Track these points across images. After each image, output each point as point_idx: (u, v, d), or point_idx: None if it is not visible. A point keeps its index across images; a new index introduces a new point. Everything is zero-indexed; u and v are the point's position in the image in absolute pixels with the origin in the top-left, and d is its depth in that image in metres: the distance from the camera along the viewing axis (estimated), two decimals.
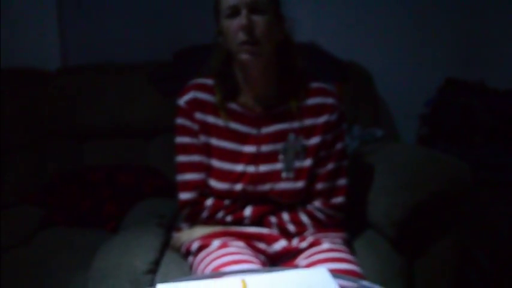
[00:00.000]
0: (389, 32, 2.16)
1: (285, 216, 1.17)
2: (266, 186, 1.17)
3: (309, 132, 1.17)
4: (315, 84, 1.20)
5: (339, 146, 1.18)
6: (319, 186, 1.18)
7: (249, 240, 1.15)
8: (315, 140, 1.16)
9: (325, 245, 1.13)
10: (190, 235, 1.20)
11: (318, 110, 1.17)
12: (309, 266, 1.09)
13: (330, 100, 1.18)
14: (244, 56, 1.09)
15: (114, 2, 2.13)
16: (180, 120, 1.19)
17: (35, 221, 1.59)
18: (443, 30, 2.16)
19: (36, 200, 1.68)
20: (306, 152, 1.16)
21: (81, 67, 2.01)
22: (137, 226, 1.36)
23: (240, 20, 1.07)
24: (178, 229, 1.27)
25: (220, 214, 1.17)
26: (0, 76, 1.89)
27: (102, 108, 1.87)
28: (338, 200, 1.19)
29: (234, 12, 1.08)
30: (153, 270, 1.19)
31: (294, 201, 1.18)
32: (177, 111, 1.19)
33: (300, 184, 1.16)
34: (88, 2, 2.14)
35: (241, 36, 1.07)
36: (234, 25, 1.08)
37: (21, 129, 1.86)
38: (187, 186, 1.18)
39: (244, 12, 1.07)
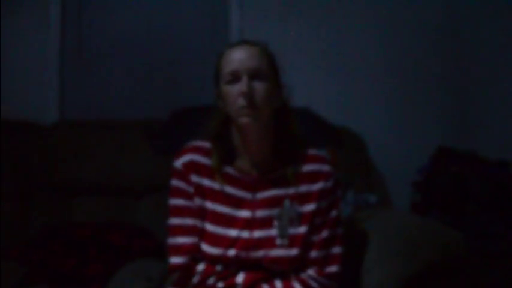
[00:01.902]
0: (382, 100, 2.22)
1: (278, 284, 1.14)
2: (260, 253, 1.14)
3: (304, 198, 1.16)
4: (311, 151, 1.21)
5: (333, 213, 1.18)
6: (314, 254, 1.15)
7: None
8: (310, 207, 1.16)
9: None
10: None
11: (313, 177, 1.17)
12: None
13: (325, 167, 1.18)
14: (244, 120, 1.10)
15: (115, 58, 2.19)
16: (176, 182, 1.18)
17: (15, 279, 1.53)
18: (436, 99, 2.23)
19: (19, 256, 1.63)
20: (300, 218, 1.15)
21: (77, 122, 2.02)
22: None
23: (241, 86, 1.09)
24: None
25: (211, 280, 1.14)
26: None
27: (94, 164, 1.87)
28: (332, 269, 1.16)
29: (235, 78, 1.11)
30: None
31: (288, 269, 1.15)
32: (173, 173, 1.19)
33: (294, 251, 1.14)
34: (89, 59, 2.19)
35: (241, 101, 1.09)
36: (235, 91, 1.10)
37: (11, 180, 1.84)
38: (179, 250, 1.15)
39: (245, 78, 1.10)
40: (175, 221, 1.17)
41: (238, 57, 1.11)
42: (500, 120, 2.11)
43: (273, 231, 1.15)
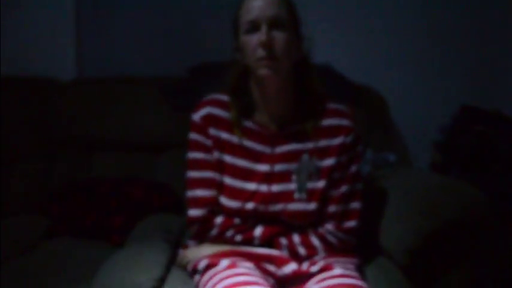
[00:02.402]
0: (404, 57, 2.15)
1: (296, 238, 1.14)
2: (278, 206, 1.14)
3: (323, 153, 1.15)
4: (331, 105, 1.18)
5: (353, 168, 1.16)
6: (332, 208, 1.15)
7: (258, 261, 1.12)
8: (329, 162, 1.14)
9: (337, 271, 1.09)
10: (197, 253, 1.17)
11: (333, 132, 1.15)
12: None
13: (345, 122, 1.16)
14: (263, 71, 1.08)
15: (132, 15, 2.15)
16: (194, 136, 1.17)
17: (39, 230, 1.57)
18: (459, 57, 2.16)
19: (42, 209, 1.67)
20: (319, 173, 1.14)
21: (95, 78, 2.01)
22: (143, 241, 1.33)
23: (260, 36, 1.06)
24: (185, 246, 1.24)
25: (229, 233, 1.15)
26: (16, 83, 1.91)
27: (113, 120, 1.87)
28: (351, 223, 1.16)
29: (254, 27, 1.08)
30: None
31: (306, 223, 1.15)
32: (191, 126, 1.18)
33: (312, 205, 1.14)
34: (106, 15, 2.16)
35: (261, 51, 1.07)
36: (254, 40, 1.08)
37: (32, 137, 1.86)
38: (198, 202, 1.16)
39: (264, 27, 1.07)
40: (193, 174, 1.17)
41: (257, 5, 1.08)
42: None
43: (292, 185, 1.14)
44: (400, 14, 2.17)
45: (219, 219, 1.15)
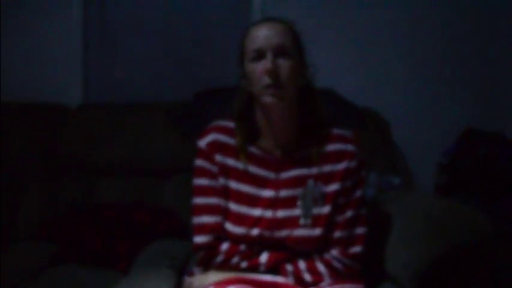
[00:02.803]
0: (407, 80, 2.18)
1: (302, 264, 1.14)
2: (283, 233, 1.14)
3: (328, 178, 1.15)
4: (335, 131, 1.19)
5: (358, 193, 1.16)
6: (337, 234, 1.15)
7: None
8: (333, 187, 1.15)
9: None
10: (203, 280, 1.16)
11: (337, 157, 1.16)
12: None
13: (349, 147, 1.17)
14: (268, 99, 1.09)
15: (138, 40, 2.19)
16: (200, 162, 1.18)
17: (44, 257, 1.57)
18: (463, 80, 2.18)
19: (48, 236, 1.67)
20: (324, 198, 1.15)
21: (102, 104, 2.04)
22: (148, 268, 1.33)
23: (265, 64, 1.08)
24: (191, 273, 1.24)
25: (235, 259, 1.14)
26: (24, 109, 1.93)
27: (119, 146, 1.89)
28: (356, 249, 1.16)
29: (260, 55, 1.10)
30: None
31: (311, 249, 1.15)
32: (197, 152, 1.19)
33: (317, 231, 1.14)
34: (112, 41, 2.20)
35: (266, 79, 1.08)
36: (259, 68, 1.09)
37: (39, 163, 1.88)
38: (203, 229, 1.16)
39: (269, 56, 1.09)
40: (199, 200, 1.18)
41: (263, 34, 1.10)
42: None
43: (297, 211, 1.14)
44: (402, 38, 2.19)
45: (224, 246, 1.15)
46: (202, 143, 1.19)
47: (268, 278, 1.13)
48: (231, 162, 1.17)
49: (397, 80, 2.19)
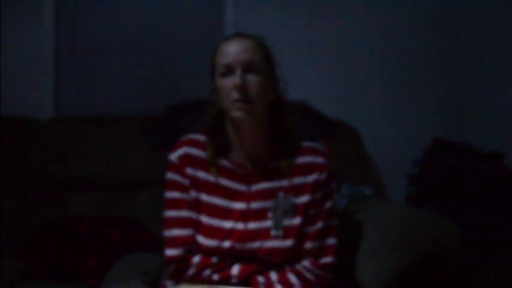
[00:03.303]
0: (377, 92, 2.23)
1: (273, 276, 1.15)
2: (255, 244, 1.15)
3: (298, 190, 1.17)
4: (305, 144, 1.21)
5: (328, 204, 1.18)
6: (308, 245, 1.16)
7: None
8: (304, 199, 1.17)
9: None
10: None
11: (307, 169, 1.18)
12: None
13: (319, 159, 1.19)
14: (237, 114, 1.11)
15: (109, 54, 2.18)
16: (171, 175, 1.19)
17: (14, 273, 1.54)
18: (431, 92, 2.24)
19: (17, 251, 1.63)
20: (295, 210, 1.16)
21: (73, 118, 2.03)
22: (120, 283, 1.32)
23: (235, 79, 1.10)
24: (163, 287, 1.23)
25: (207, 272, 1.15)
26: None
27: (91, 160, 1.87)
28: (327, 259, 1.17)
29: (229, 71, 1.11)
30: None
31: (283, 261, 1.16)
32: (168, 166, 1.19)
33: (288, 242, 1.15)
34: (84, 55, 2.19)
35: (235, 94, 1.10)
36: (228, 84, 1.11)
37: (10, 177, 1.84)
38: (175, 242, 1.16)
39: (238, 71, 1.10)
40: (170, 213, 1.18)
41: (232, 50, 1.12)
42: (494, 113, 2.12)
43: (268, 223, 1.16)
44: (374, 51, 2.25)
45: (196, 259, 1.15)
46: (174, 156, 1.19)
47: None
48: (202, 175, 1.17)
49: (368, 92, 2.23)
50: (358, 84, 2.23)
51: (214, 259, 1.15)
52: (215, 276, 1.14)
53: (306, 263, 1.16)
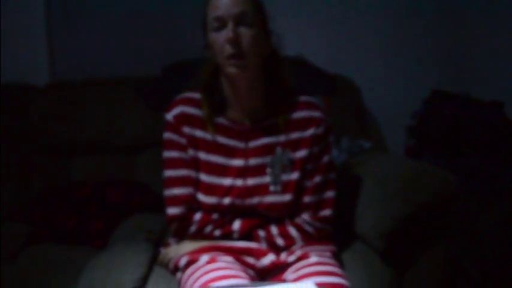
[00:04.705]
0: (375, 45, 2.19)
1: (274, 229, 1.17)
2: (254, 200, 1.16)
3: (295, 145, 1.17)
4: (302, 98, 1.21)
5: (325, 158, 1.19)
6: (307, 199, 1.18)
7: (238, 254, 1.14)
8: (301, 153, 1.17)
9: (313, 259, 1.13)
10: (178, 250, 1.19)
11: (304, 124, 1.17)
12: (296, 280, 1.08)
13: (316, 113, 1.18)
14: (231, 70, 1.10)
15: (102, 16, 2.14)
16: (168, 135, 1.19)
17: (21, 238, 1.57)
18: (429, 44, 2.20)
19: (22, 217, 1.66)
20: (293, 165, 1.17)
21: (69, 82, 2.00)
22: (125, 242, 1.35)
23: (227, 33, 1.08)
24: (167, 244, 1.26)
25: (208, 228, 1.17)
26: None
27: (90, 124, 1.87)
28: (326, 212, 1.19)
29: (221, 25, 1.09)
30: (141, 287, 1.17)
31: (282, 215, 1.18)
32: (165, 125, 1.19)
33: (287, 197, 1.16)
34: (76, 16, 2.14)
35: (228, 49, 1.08)
36: (221, 38, 1.09)
37: (8, 144, 1.85)
38: (175, 201, 1.18)
39: (230, 24, 1.08)
40: (169, 173, 1.19)
41: (223, 3, 1.09)
42: (492, 62, 2.09)
43: (266, 179, 1.17)
44: (371, 4, 2.19)
45: (197, 216, 1.17)
46: (169, 115, 1.19)
47: (241, 244, 1.16)
48: (199, 133, 1.17)
49: (366, 45, 2.19)
50: (356, 38, 2.19)
51: (215, 215, 1.17)
52: (217, 232, 1.17)
53: (305, 216, 1.18)
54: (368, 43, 2.18)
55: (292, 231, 1.18)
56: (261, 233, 1.17)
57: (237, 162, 1.17)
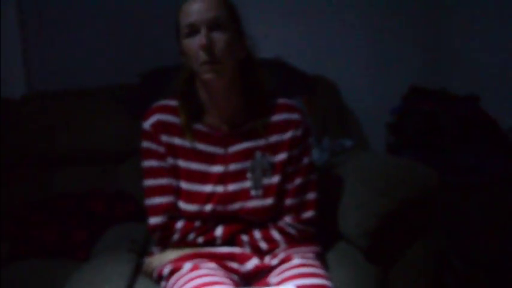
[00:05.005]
0: (352, 44, 2.20)
1: (257, 234, 1.17)
2: (236, 205, 1.16)
3: (275, 148, 1.17)
4: (279, 101, 1.20)
5: (305, 160, 1.19)
6: (289, 202, 1.18)
7: (221, 260, 1.14)
8: (281, 156, 1.17)
9: (296, 261, 1.13)
10: (161, 259, 1.18)
11: (283, 126, 1.17)
12: (280, 283, 1.08)
13: (294, 116, 1.18)
14: (207, 75, 1.09)
15: (78, 25, 2.11)
16: (146, 144, 1.18)
17: (1, 254, 1.54)
18: (405, 40, 2.22)
19: (2, 232, 1.63)
20: (273, 168, 1.17)
21: (46, 93, 1.97)
22: (108, 253, 1.33)
23: (200, 39, 1.07)
24: (150, 254, 1.25)
25: (191, 236, 1.16)
26: None
27: (69, 134, 1.84)
28: (308, 214, 1.19)
29: (194, 30, 1.08)
30: None
31: (265, 219, 1.18)
32: (142, 134, 1.18)
33: (269, 201, 1.16)
34: (51, 27, 2.12)
35: (202, 55, 1.07)
36: (194, 44, 1.08)
37: None
38: (157, 210, 1.17)
39: (203, 30, 1.07)
40: (150, 182, 1.18)
41: (195, 9, 1.08)
42: (467, 57, 2.12)
43: (247, 183, 1.16)
44: (348, 3, 2.20)
45: (179, 224, 1.17)
46: (146, 124, 1.18)
47: (225, 249, 1.15)
48: (177, 141, 1.17)
49: (343, 43, 2.21)
50: (333, 37, 2.20)
51: (197, 223, 1.16)
52: (200, 239, 1.16)
53: (287, 219, 1.18)
54: (345, 42, 2.20)
55: (275, 234, 1.18)
56: (244, 238, 1.16)
57: (217, 168, 1.17)
